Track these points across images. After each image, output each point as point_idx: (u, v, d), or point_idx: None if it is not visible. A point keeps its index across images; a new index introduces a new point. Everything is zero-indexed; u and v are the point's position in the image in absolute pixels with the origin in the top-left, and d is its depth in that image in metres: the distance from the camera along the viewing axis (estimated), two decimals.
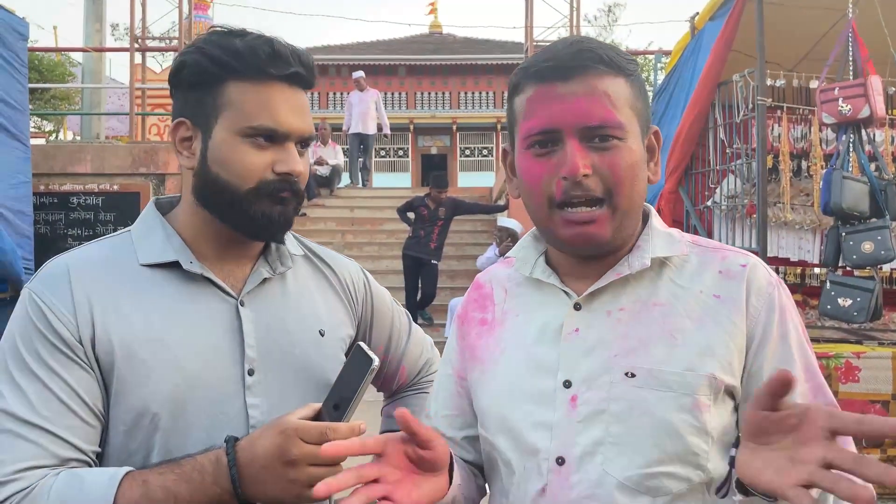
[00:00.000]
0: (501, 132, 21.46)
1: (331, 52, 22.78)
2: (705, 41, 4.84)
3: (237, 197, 1.02)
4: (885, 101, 3.75)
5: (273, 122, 1.02)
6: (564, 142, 0.95)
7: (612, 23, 16.61)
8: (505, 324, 1.09)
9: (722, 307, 0.97)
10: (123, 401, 0.98)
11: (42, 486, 0.90)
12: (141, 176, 7.13)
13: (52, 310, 0.97)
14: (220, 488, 0.92)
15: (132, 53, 7.36)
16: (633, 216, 1.00)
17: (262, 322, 1.08)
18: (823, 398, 0.97)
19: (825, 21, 4.37)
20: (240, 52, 1.01)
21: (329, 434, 0.90)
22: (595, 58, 0.95)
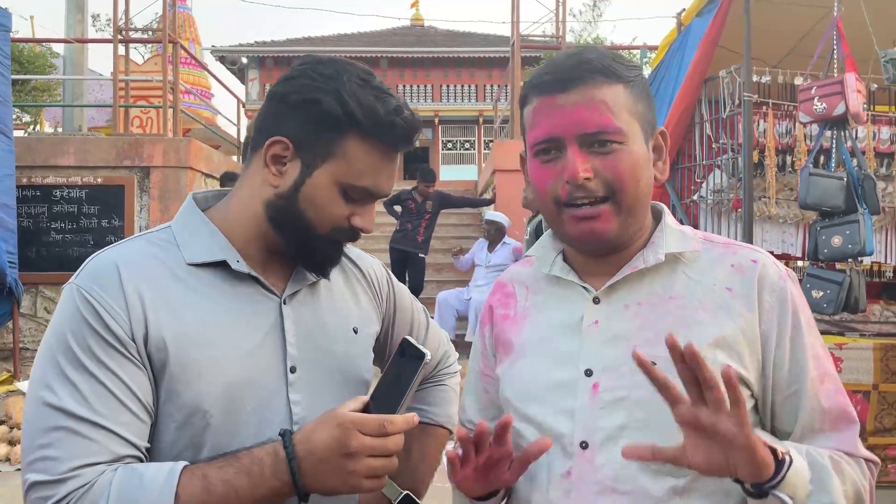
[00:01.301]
0: (484, 125, 21.48)
1: (312, 44, 22.64)
2: (692, 37, 4.89)
3: (311, 236, 1.06)
4: (867, 97, 3.83)
5: (374, 187, 1.06)
6: (566, 149, 1.01)
7: (597, 18, 16.66)
8: (528, 319, 1.14)
9: (734, 301, 1.02)
10: (175, 398, 0.99)
11: (101, 482, 0.91)
12: (125, 169, 7.07)
13: (105, 306, 0.97)
14: (279, 481, 0.93)
15: (115, 45, 7.26)
16: (639, 213, 1.06)
17: (301, 320, 1.10)
18: (831, 384, 1.02)
19: (810, 18, 4.45)
20: (377, 115, 1.03)
21: (387, 426, 0.92)
22: (591, 68, 1.01)
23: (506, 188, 7.73)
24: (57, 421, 0.92)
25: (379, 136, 1.03)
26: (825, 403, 1.01)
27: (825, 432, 1.01)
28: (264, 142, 1.06)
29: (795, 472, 0.88)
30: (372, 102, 1.02)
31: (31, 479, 0.92)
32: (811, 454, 0.95)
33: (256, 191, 1.08)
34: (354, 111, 1.01)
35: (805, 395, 1.01)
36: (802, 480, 0.89)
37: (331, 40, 23.21)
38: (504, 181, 7.80)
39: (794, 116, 4.54)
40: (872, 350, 3.80)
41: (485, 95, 21.89)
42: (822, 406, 1.01)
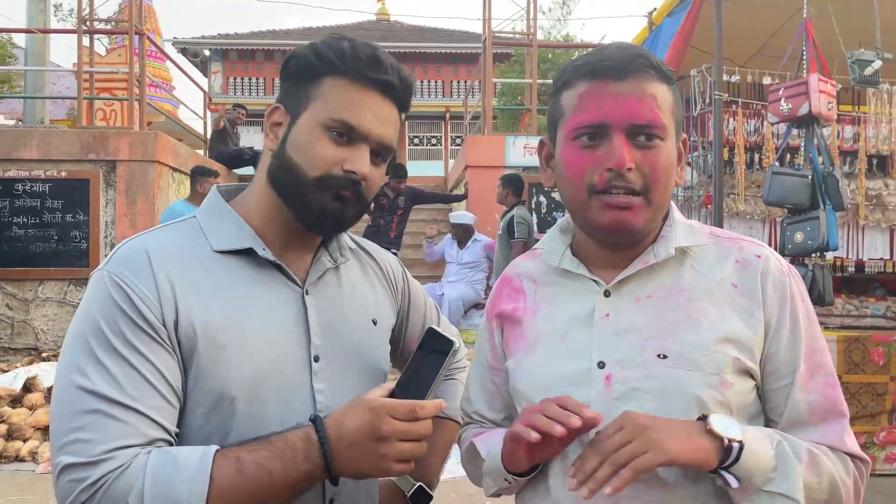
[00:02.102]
0: (450, 121, 21.51)
1: (277, 37, 22.40)
2: (663, 36, 5.00)
3: (302, 182, 1.05)
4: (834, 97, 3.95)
5: (354, 120, 1.05)
6: (611, 136, 1.01)
7: (566, 15, 16.79)
8: (538, 313, 1.15)
9: (740, 297, 1.05)
10: (203, 384, 1.00)
11: (136, 464, 0.91)
12: (90, 162, 6.92)
13: (136, 292, 0.98)
14: (311, 464, 0.94)
15: (80, 35, 7.09)
16: (662, 212, 1.08)
17: (323, 310, 1.11)
18: (822, 377, 1.05)
19: (777, 19, 4.58)
20: (344, 51, 1.05)
21: (418, 411, 0.94)
22: (647, 63, 1.02)
23: (478, 184, 7.75)
24: (90, 404, 0.92)
25: (351, 72, 1.06)
26: (813, 396, 1.03)
27: (813, 424, 1.03)
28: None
29: (752, 458, 0.93)
30: (341, 45, 1.07)
31: (63, 461, 0.91)
32: (783, 445, 0.97)
33: (263, 167, 1.11)
34: (325, 54, 1.06)
35: (795, 387, 1.03)
36: (761, 467, 0.94)
37: (296, 34, 22.97)
38: (476, 177, 7.82)
39: (763, 115, 4.67)
40: (836, 342, 3.94)
41: (451, 91, 21.91)
42: (809, 399, 1.03)
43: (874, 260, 5.11)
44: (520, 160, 7.69)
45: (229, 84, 22.06)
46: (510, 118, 13.70)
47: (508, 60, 14.92)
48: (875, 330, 4.25)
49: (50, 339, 6.91)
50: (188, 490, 0.90)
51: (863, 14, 3.84)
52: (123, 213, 6.94)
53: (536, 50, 9.19)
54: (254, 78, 21.93)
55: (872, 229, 5.07)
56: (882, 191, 4.89)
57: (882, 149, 4.74)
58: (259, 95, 21.49)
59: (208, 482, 0.91)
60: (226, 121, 9.43)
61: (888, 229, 5.03)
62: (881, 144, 4.71)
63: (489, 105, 8.49)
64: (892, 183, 4.80)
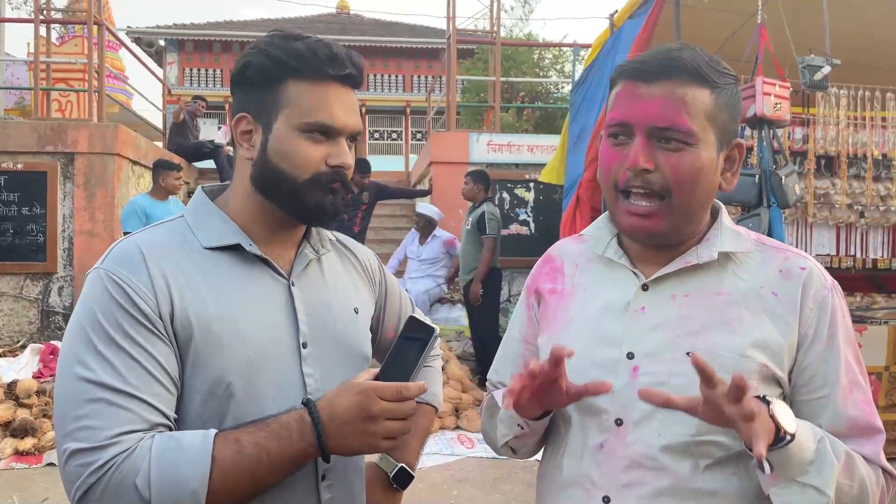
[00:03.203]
0: (411, 116, 21.50)
1: (234, 27, 22.06)
2: (624, 39, 5.12)
3: (295, 186, 1.11)
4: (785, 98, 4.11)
5: (328, 119, 1.11)
6: (635, 136, 1.04)
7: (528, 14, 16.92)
8: (575, 296, 1.18)
9: (779, 305, 1.06)
10: (200, 372, 1.05)
11: (141, 447, 0.96)
12: (48, 154, 6.79)
13: (132, 287, 1.03)
14: (305, 443, 1.01)
15: (37, 25, 6.93)
16: (694, 216, 1.08)
17: (309, 300, 1.17)
18: (861, 393, 1.06)
19: (733, 23, 4.75)
20: (301, 53, 1.10)
21: (404, 392, 1.02)
22: (680, 66, 1.03)
23: (442, 180, 7.82)
24: (94, 393, 0.98)
25: (310, 72, 1.10)
26: (852, 412, 1.04)
27: (850, 438, 1.03)
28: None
29: (796, 450, 0.93)
30: (293, 45, 1.10)
31: (71, 447, 0.96)
32: (824, 442, 0.97)
33: (243, 172, 1.16)
34: (280, 58, 1.09)
35: (832, 401, 1.04)
36: (801, 459, 0.94)
37: (253, 25, 22.67)
38: (440, 173, 7.88)
39: None
40: None
41: (412, 86, 21.89)
42: (848, 413, 1.04)
43: (821, 256, 5.34)
44: (484, 157, 7.78)
45: (185, 75, 21.66)
46: (474, 115, 13.80)
47: (472, 57, 15.00)
48: None
49: (6, 335, 6.76)
50: (192, 470, 0.96)
51: (813, 22, 4.02)
52: (82, 206, 6.83)
53: (500, 48, 9.29)
54: (210, 69, 21.57)
55: (820, 226, 5.29)
56: (829, 190, 5.10)
57: (830, 150, 4.94)
58: (216, 87, 21.14)
59: (210, 462, 0.97)
60: (185, 113, 9.31)
61: (834, 227, 5.26)
62: (829, 146, 4.92)
63: (453, 102, 8.56)
64: (838, 182, 5.02)
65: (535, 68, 14.39)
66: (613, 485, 1.06)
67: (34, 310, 6.82)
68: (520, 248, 7.46)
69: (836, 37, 4.18)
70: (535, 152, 7.82)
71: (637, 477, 1.04)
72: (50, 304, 6.85)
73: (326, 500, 1.13)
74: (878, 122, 4.92)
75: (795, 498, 0.96)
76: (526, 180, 7.75)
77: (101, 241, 6.82)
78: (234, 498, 1.00)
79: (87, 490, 0.95)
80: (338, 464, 1.14)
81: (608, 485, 1.06)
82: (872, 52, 4.88)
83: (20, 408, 4.74)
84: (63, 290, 6.87)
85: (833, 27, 4.03)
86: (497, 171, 7.62)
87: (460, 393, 5.39)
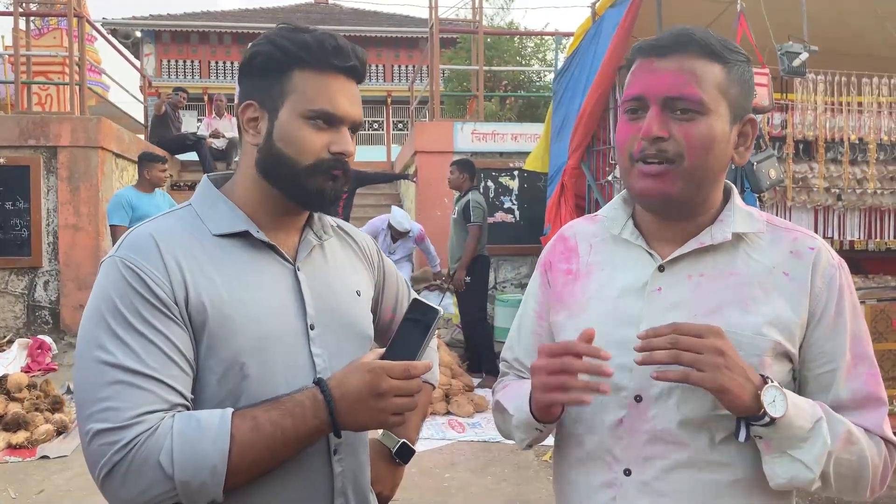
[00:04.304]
0: (392, 106, 21.45)
1: (212, 18, 21.84)
2: (606, 27, 5.18)
3: (297, 171, 1.15)
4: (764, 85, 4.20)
5: (331, 107, 1.15)
6: (649, 108, 1.09)
7: (510, 2, 16.93)
8: (591, 276, 1.21)
9: (790, 284, 1.10)
10: (215, 354, 1.10)
11: (163, 426, 1.01)
12: (30, 148, 6.75)
13: (148, 273, 1.07)
14: (318, 420, 1.06)
15: (16, 18, 6.86)
16: (705, 185, 1.11)
17: (314, 284, 1.22)
18: (866, 367, 1.11)
19: (713, 11, 4.82)
20: (308, 44, 1.15)
21: (411, 370, 1.07)
22: (691, 41, 1.08)
23: (427, 169, 7.86)
24: (115, 376, 1.01)
25: (315, 62, 1.14)
26: (855, 384, 1.09)
27: (854, 409, 1.09)
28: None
29: (784, 427, 1.00)
30: (300, 37, 1.15)
31: (94, 427, 1.00)
32: (821, 423, 1.02)
33: (248, 159, 1.20)
34: (288, 48, 1.14)
35: (839, 374, 1.09)
36: (790, 435, 1.01)
37: (231, 15, 22.46)
38: (426, 162, 7.92)
39: None
40: None
41: (392, 76, 21.83)
42: (853, 386, 1.09)
43: None
44: (468, 146, 7.83)
45: (163, 67, 21.41)
46: (458, 104, 13.82)
47: (454, 47, 15.00)
48: None
49: None
50: (212, 447, 1.00)
51: (792, 10, 4.11)
52: (66, 199, 6.80)
53: (482, 37, 9.32)
54: (188, 60, 21.34)
55: (798, 210, 5.39)
56: (808, 174, 5.21)
57: (808, 134, 5.04)
58: (194, 79, 20.92)
59: (229, 439, 1.01)
60: (167, 105, 9.26)
61: (813, 209, 5.38)
62: (807, 130, 5.03)
63: (437, 92, 8.58)
64: (816, 166, 5.13)
65: (517, 57, 14.43)
66: (635, 458, 1.10)
67: (20, 304, 6.79)
68: (505, 236, 7.54)
69: (814, 25, 4.28)
70: (518, 141, 7.88)
71: (657, 451, 1.09)
72: (36, 298, 6.82)
73: (338, 473, 1.18)
74: (855, 107, 5.03)
75: (784, 469, 1.03)
76: (510, 168, 7.82)
77: (85, 234, 6.80)
78: (252, 472, 1.05)
79: (112, 468, 0.99)
80: (348, 439, 1.20)
81: (629, 458, 1.11)
82: (849, 40, 4.99)
83: (11, 402, 4.74)
84: (49, 284, 6.84)
85: (811, 15, 4.13)
86: (482, 159, 7.67)
87: (450, 379, 5.47)
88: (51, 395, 4.93)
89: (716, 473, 1.08)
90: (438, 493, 3.90)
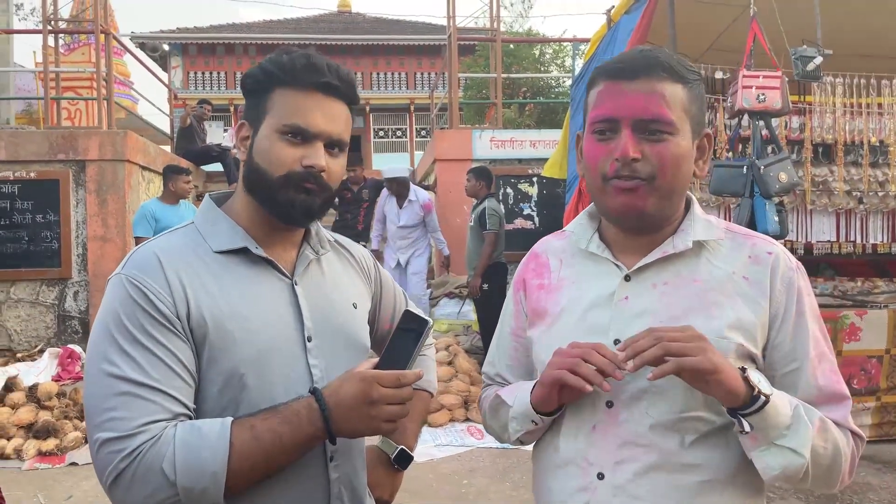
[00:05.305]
0: (415, 113, 21.57)
1: (237, 30, 22.19)
2: (621, 33, 5.19)
3: (269, 182, 1.20)
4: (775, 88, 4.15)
5: (303, 123, 1.20)
6: (621, 130, 1.13)
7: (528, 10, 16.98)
8: (562, 290, 1.26)
9: (750, 288, 1.15)
10: (215, 366, 1.15)
11: (166, 434, 1.06)
12: (60, 162, 6.93)
13: (151, 290, 1.13)
14: (314, 427, 1.11)
15: (45, 35, 7.06)
16: (674, 199, 1.17)
17: (311, 297, 1.27)
18: (828, 364, 1.17)
19: (728, 16, 4.82)
20: (284, 64, 1.21)
21: (401, 379, 1.11)
22: (657, 64, 1.13)
23: (447, 177, 7.92)
24: (120, 388, 1.07)
25: (292, 80, 1.20)
26: (821, 381, 1.14)
27: (821, 405, 1.13)
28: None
29: (772, 413, 1.03)
30: (280, 58, 1.21)
31: (102, 437, 1.06)
32: (799, 409, 1.07)
33: (242, 176, 1.28)
34: (268, 69, 1.21)
35: (804, 372, 1.14)
36: (778, 423, 1.04)
37: (257, 27, 22.79)
38: (445, 170, 7.98)
39: (716, 108, 4.91)
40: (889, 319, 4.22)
41: (416, 83, 21.96)
42: (818, 383, 1.14)
43: (822, 242, 5.41)
44: (487, 153, 7.87)
45: (190, 79, 21.80)
46: (477, 112, 13.87)
47: (473, 54, 15.06)
48: (823, 308, 4.50)
49: (24, 340, 6.91)
50: (212, 455, 1.05)
51: (805, 13, 4.09)
52: (94, 212, 6.96)
53: (500, 46, 9.36)
54: (214, 72, 21.70)
55: (820, 213, 5.36)
56: (828, 177, 5.17)
57: (826, 138, 5.01)
58: (220, 90, 21.27)
59: (228, 447, 1.06)
60: (192, 118, 9.44)
61: (834, 213, 5.33)
62: (826, 133, 4.99)
63: (455, 99, 8.64)
64: (836, 170, 5.09)
65: (536, 64, 14.44)
66: (607, 462, 1.14)
67: (51, 315, 6.96)
68: (524, 242, 7.49)
69: (832, 27, 4.25)
70: (537, 147, 7.90)
71: (629, 454, 1.13)
72: (66, 308, 6.99)
73: (334, 479, 1.23)
74: (874, 109, 4.98)
75: (775, 459, 1.06)
76: (529, 175, 7.83)
77: (113, 246, 6.96)
78: (251, 478, 1.10)
79: (119, 475, 1.05)
80: (343, 446, 1.24)
81: (602, 462, 1.14)
82: (866, 41, 4.94)
83: (42, 410, 4.88)
84: (78, 294, 7.01)
85: (825, 18, 4.10)
86: (500, 166, 7.71)
87: (469, 386, 5.49)
88: (80, 404, 5.06)
89: (687, 475, 1.11)
90: (457, 499, 3.93)
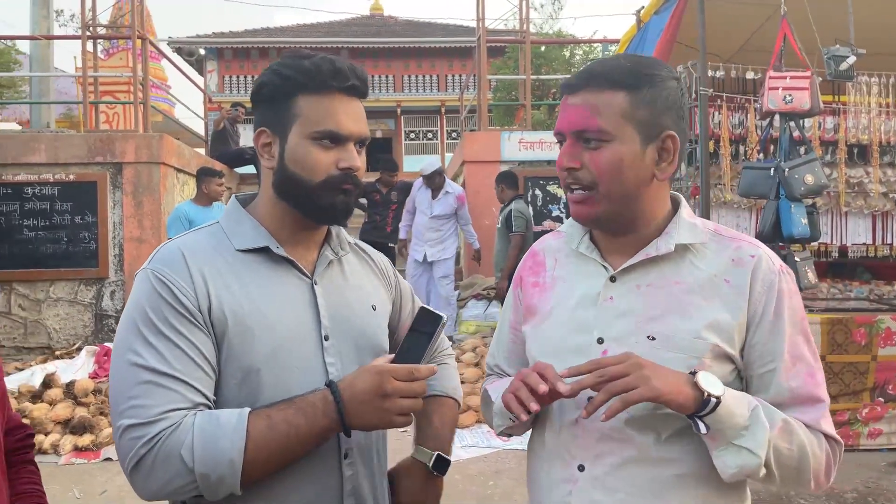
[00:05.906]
0: (446, 115, 21.61)
1: (272, 34, 22.49)
2: (650, 34, 5.17)
3: (309, 189, 1.23)
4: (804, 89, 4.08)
5: (335, 126, 1.23)
6: (566, 142, 1.20)
7: (558, 11, 16.96)
8: (554, 288, 1.31)
9: (730, 291, 1.18)
10: (234, 360, 1.18)
11: (185, 422, 1.10)
12: (98, 165, 7.11)
13: (176, 284, 1.17)
14: (328, 419, 1.14)
15: (84, 41, 7.26)
16: (629, 201, 1.19)
17: (330, 297, 1.30)
18: (804, 366, 1.18)
19: (759, 16, 4.76)
20: (307, 69, 1.23)
21: (415, 373, 1.14)
22: (592, 77, 1.18)
23: (475, 179, 7.94)
24: (144, 377, 1.11)
25: (316, 86, 1.21)
26: (793, 383, 1.16)
27: (792, 406, 1.15)
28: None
29: (726, 414, 1.07)
30: (300, 63, 1.22)
31: (124, 423, 1.09)
32: (758, 410, 1.10)
33: (266, 181, 1.30)
34: (290, 76, 1.22)
35: (779, 373, 1.16)
36: (733, 423, 1.08)
37: (290, 31, 23.07)
38: (473, 172, 7.99)
39: (747, 109, 4.86)
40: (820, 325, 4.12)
41: (447, 85, 22.02)
42: (789, 385, 1.16)
43: (857, 245, 5.31)
44: (515, 155, 7.87)
45: (225, 82, 22.17)
46: (506, 113, 13.87)
47: (502, 56, 15.06)
48: (858, 312, 4.42)
49: (62, 338, 7.11)
50: (230, 443, 1.09)
51: (838, 12, 4.02)
52: (131, 213, 7.13)
53: (530, 47, 9.35)
54: (249, 76, 22.02)
55: (855, 215, 5.26)
56: (863, 178, 5.08)
57: (862, 138, 4.92)
58: None
59: (245, 436, 1.10)
60: (226, 121, 9.60)
61: (870, 215, 5.23)
62: (861, 134, 4.90)
63: (484, 101, 8.66)
64: (871, 171, 4.99)
65: (565, 65, 14.39)
66: (588, 455, 1.19)
67: (88, 314, 7.14)
68: None
69: (867, 26, 4.17)
70: None
71: (607, 448, 1.17)
72: (103, 307, 7.16)
73: (348, 476, 1.25)
74: None
75: (732, 459, 1.10)
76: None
77: (149, 246, 7.11)
78: (267, 467, 1.13)
79: (140, 460, 1.08)
80: (359, 446, 1.27)
81: (583, 455, 1.19)
82: None
83: (78, 406, 5.00)
84: (115, 294, 7.18)
85: (858, 17, 4.03)
86: (529, 168, 7.70)
87: None
88: None
89: (663, 468, 1.15)
90: (483, 500, 3.94)
